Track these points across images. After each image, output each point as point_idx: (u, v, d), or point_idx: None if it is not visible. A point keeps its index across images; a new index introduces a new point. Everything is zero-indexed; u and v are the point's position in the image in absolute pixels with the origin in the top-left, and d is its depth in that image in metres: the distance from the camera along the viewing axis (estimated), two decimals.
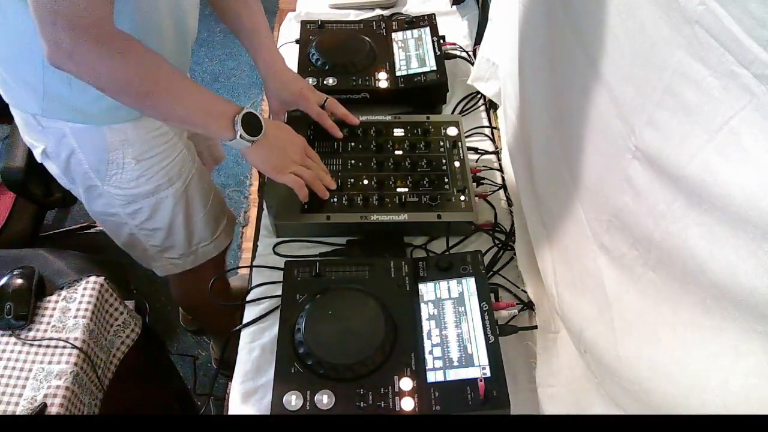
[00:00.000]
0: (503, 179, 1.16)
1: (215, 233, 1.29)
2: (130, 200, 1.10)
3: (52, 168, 1.09)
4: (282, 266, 0.93)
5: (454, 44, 1.40)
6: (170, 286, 1.47)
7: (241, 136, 0.89)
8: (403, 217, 1.00)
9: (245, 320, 0.96)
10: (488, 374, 0.77)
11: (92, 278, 1.05)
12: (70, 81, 0.90)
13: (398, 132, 1.13)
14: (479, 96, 1.32)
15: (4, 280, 1.01)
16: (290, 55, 1.34)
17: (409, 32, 1.33)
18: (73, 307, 1.01)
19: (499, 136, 1.23)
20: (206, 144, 1.38)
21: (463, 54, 1.40)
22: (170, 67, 0.85)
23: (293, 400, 0.76)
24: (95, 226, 2.03)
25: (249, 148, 0.91)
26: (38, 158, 1.08)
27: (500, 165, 1.19)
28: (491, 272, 1.01)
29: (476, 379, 0.77)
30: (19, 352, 0.95)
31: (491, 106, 1.33)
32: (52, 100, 0.94)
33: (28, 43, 0.86)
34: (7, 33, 0.88)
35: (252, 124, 0.90)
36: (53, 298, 1.02)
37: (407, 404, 0.76)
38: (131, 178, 1.06)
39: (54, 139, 1.01)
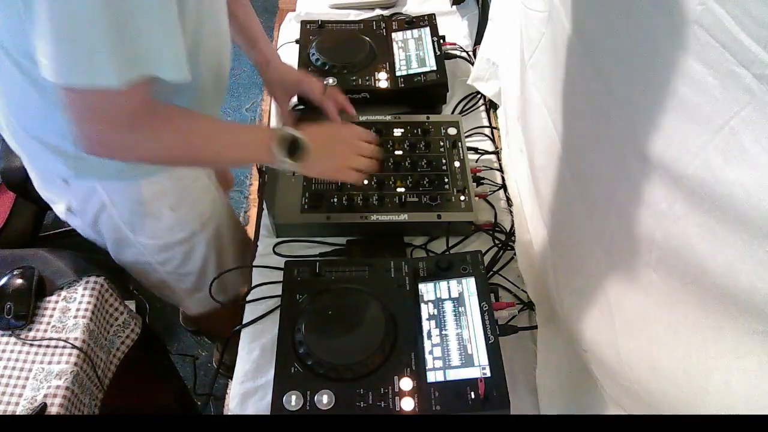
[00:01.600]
0: (503, 179, 1.16)
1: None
2: (163, 249, 1.08)
3: (76, 222, 1.05)
4: (282, 266, 0.93)
5: (454, 44, 1.40)
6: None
7: (284, 162, 0.86)
8: (403, 217, 1.00)
9: (245, 320, 0.96)
10: (488, 374, 0.77)
11: (92, 278, 1.05)
12: None
13: (398, 132, 1.13)
14: (479, 96, 1.32)
15: (4, 280, 1.00)
16: (290, 55, 1.34)
17: (409, 32, 1.33)
18: (73, 307, 1.01)
19: (499, 136, 1.23)
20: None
21: (463, 54, 1.40)
22: (204, 122, 0.84)
23: (293, 400, 0.76)
24: None
25: (300, 166, 0.88)
26: (60, 215, 1.03)
27: (500, 165, 1.19)
28: (491, 272, 1.00)
29: (476, 379, 0.77)
30: (19, 352, 0.95)
31: (491, 106, 1.33)
32: (85, 162, 0.88)
33: (57, 110, 0.78)
34: (34, 101, 0.82)
35: (293, 144, 0.87)
36: (53, 298, 1.02)
37: (407, 404, 0.76)
38: (166, 228, 1.04)
39: (82, 196, 0.97)
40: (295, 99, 1.24)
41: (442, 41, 1.30)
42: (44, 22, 0.61)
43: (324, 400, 0.76)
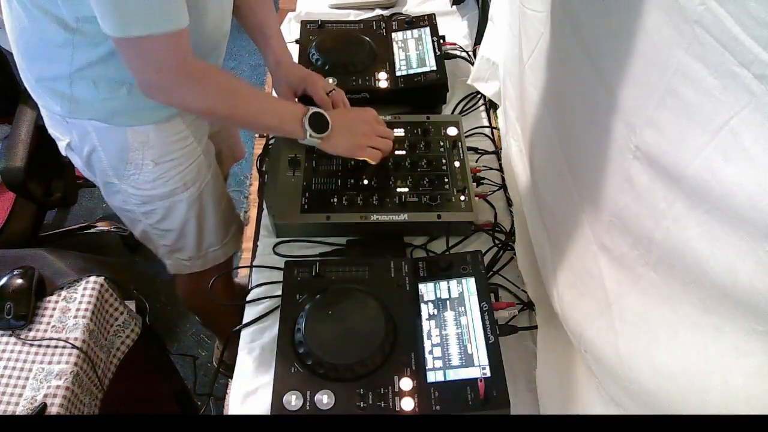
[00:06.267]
0: (503, 179, 1.16)
1: (225, 239, 1.30)
2: (145, 201, 1.12)
3: (76, 160, 1.11)
4: (282, 266, 0.93)
5: (454, 44, 1.40)
6: (177, 288, 1.48)
7: (310, 136, 0.98)
8: (403, 217, 1.00)
9: (245, 320, 0.96)
10: (488, 374, 0.77)
11: (92, 278, 1.05)
12: (97, 85, 0.94)
13: (398, 132, 1.13)
14: (479, 96, 1.32)
15: (4, 280, 1.00)
16: None
17: (409, 32, 1.33)
18: (73, 307, 1.01)
19: (499, 136, 1.23)
20: (228, 143, 1.41)
21: (463, 54, 1.40)
22: (245, 87, 0.96)
23: (293, 400, 0.76)
24: (95, 226, 2.03)
25: (322, 142, 1.00)
26: (62, 151, 1.10)
27: (500, 165, 1.19)
28: (491, 272, 1.01)
29: (476, 379, 0.77)
30: (19, 352, 0.95)
31: (491, 106, 1.33)
32: (78, 103, 0.97)
33: (55, 52, 0.90)
34: (34, 42, 0.92)
35: (319, 122, 0.99)
36: (53, 298, 1.02)
37: (407, 404, 0.76)
38: (148, 180, 1.07)
39: (77, 135, 1.03)
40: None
41: (442, 41, 1.30)
42: None
43: (324, 400, 0.76)
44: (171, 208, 1.14)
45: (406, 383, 0.78)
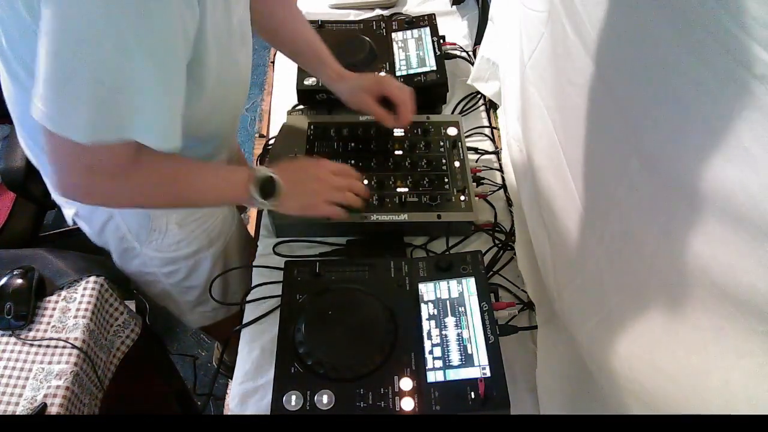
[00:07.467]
0: (503, 179, 1.16)
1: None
2: (168, 262, 1.08)
3: (86, 228, 1.07)
4: (282, 266, 0.93)
5: (454, 44, 1.40)
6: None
7: (261, 203, 0.86)
8: (403, 217, 1.00)
9: (245, 320, 0.96)
10: (488, 374, 0.77)
11: (92, 278, 1.05)
12: None
13: (398, 132, 1.13)
14: (479, 96, 1.32)
15: (4, 280, 1.00)
16: None
17: (409, 32, 1.33)
18: (73, 307, 1.01)
19: (499, 136, 1.23)
20: None
21: (463, 54, 1.40)
22: (185, 169, 0.82)
23: (293, 400, 0.76)
24: None
25: (274, 205, 0.88)
26: (69, 220, 1.05)
27: (500, 165, 1.19)
28: (491, 272, 1.01)
29: (476, 379, 0.77)
30: (19, 352, 0.95)
31: (491, 106, 1.33)
32: None
33: None
34: None
35: (268, 185, 0.86)
36: (53, 298, 1.02)
37: (407, 404, 0.76)
38: (172, 242, 1.04)
39: (88, 206, 0.99)
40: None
41: (442, 41, 1.30)
42: (45, 62, 0.61)
43: (324, 400, 0.76)
44: (195, 265, 1.11)
45: (406, 383, 0.78)
